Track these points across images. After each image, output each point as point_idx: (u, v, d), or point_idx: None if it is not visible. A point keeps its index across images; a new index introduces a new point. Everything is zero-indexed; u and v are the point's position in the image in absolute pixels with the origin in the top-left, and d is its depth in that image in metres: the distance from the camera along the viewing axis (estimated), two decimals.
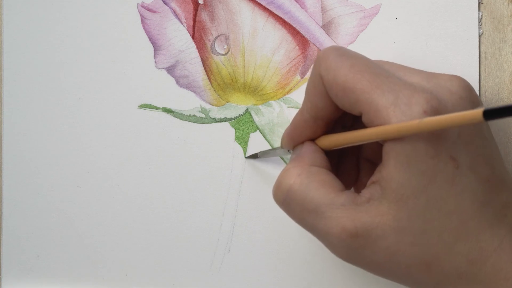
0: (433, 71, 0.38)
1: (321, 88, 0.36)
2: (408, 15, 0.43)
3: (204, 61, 0.46)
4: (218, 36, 0.45)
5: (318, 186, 0.36)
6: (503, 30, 0.41)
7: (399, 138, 0.33)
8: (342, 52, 0.36)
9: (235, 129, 0.46)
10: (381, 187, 0.34)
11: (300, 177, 0.36)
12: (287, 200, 0.36)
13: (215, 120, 0.46)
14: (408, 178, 0.33)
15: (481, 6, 0.41)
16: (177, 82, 0.47)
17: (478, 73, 0.41)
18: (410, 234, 0.34)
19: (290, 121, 0.41)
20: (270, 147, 0.46)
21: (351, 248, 0.35)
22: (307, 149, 0.37)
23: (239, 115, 0.46)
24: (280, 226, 0.45)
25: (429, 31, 0.43)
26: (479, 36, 0.41)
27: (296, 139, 0.38)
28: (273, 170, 0.45)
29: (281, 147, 0.40)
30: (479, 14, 0.41)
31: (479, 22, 0.41)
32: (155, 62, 0.46)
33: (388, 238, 0.34)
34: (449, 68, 0.42)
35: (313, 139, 0.38)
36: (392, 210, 0.34)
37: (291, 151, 0.40)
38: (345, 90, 0.35)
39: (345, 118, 0.39)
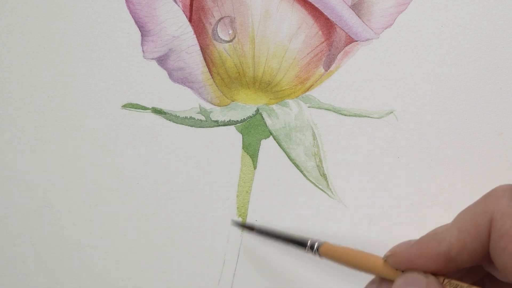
0: (488, 64, 0.40)
1: (481, 231, 0.35)
2: None
3: (204, 49, 0.45)
4: (222, 18, 0.45)
5: None
6: None
7: None
8: None
9: (243, 134, 0.45)
10: None
11: None
12: None
13: (217, 124, 0.45)
14: None
15: None
16: (170, 76, 0.46)
17: None
18: None
19: (313, 125, 0.43)
20: (286, 158, 0.45)
21: None
22: None
23: (248, 117, 0.45)
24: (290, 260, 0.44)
25: (486, 13, 0.43)
26: None
27: (413, 265, 0.37)
28: (287, 194, 0.44)
29: (385, 260, 0.38)
30: None
31: None
32: (143, 51, 0.46)
33: None
34: (509, 60, 0.42)
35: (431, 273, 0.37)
36: None
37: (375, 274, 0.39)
38: None
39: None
